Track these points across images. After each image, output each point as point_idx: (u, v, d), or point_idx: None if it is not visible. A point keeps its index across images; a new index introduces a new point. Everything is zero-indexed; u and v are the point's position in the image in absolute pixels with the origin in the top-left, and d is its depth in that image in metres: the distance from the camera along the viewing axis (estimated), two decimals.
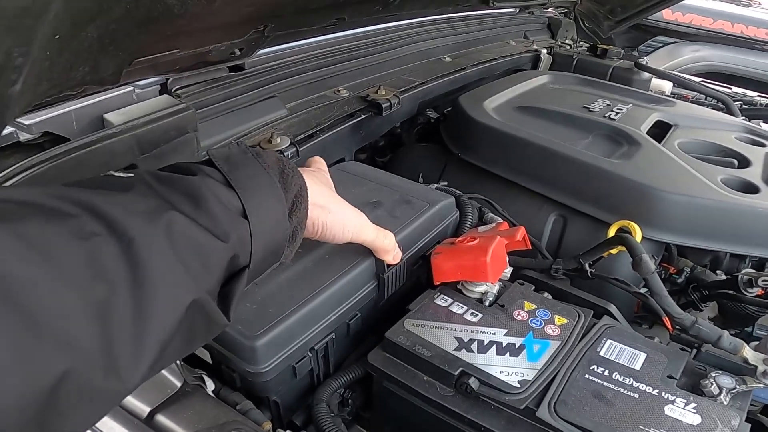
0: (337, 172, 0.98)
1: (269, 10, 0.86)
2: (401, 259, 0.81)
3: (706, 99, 1.74)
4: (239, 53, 1.03)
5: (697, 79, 1.89)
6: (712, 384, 0.71)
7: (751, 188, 1.00)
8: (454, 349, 0.73)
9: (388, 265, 0.80)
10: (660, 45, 3.36)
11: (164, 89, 1.03)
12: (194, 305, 0.44)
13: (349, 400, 0.83)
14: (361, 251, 0.77)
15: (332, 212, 0.65)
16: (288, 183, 0.56)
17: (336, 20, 1.08)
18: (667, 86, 1.77)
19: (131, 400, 0.62)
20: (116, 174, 0.48)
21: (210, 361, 0.74)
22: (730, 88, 1.93)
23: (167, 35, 0.79)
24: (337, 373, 0.80)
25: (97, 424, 0.61)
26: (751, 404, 0.86)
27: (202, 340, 0.50)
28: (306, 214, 0.58)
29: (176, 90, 1.01)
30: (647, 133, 1.16)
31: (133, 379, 0.40)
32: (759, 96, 1.84)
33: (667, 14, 3.26)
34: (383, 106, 1.15)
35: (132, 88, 0.99)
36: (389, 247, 0.77)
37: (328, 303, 0.74)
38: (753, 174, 1.06)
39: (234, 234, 0.48)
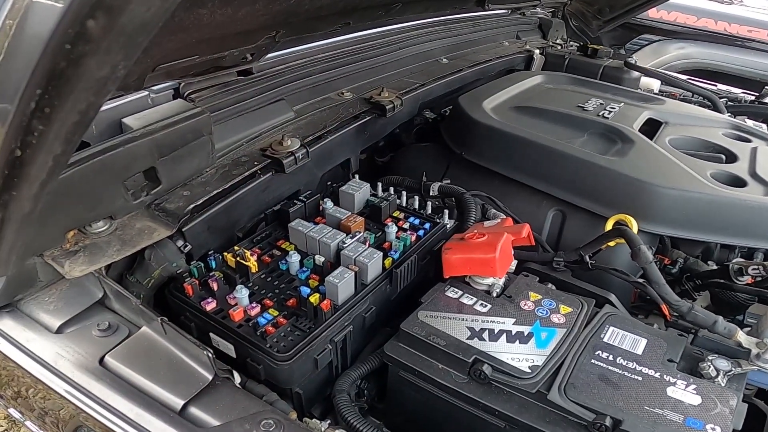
0: None
1: (283, 18, 0.89)
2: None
3: (692, 96, 1.80)
4: (250, 58, 1.06)
5: (684, 77, 1.96)
6: (709, 366, 0.76)
7: (738, 182, 1.06)
8: (467, 338, 0.77)
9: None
10: (646, 43, 3.43)
11: (177, 93, 1.06)
12: None
13: (365, 391, 0.87)
14: None
15: None
16: None
17: (342, 25, 1.11)
18: (655, 84, 1.83)
19: (164, 393, 0.65)
20: None
21: (234, 355, 0.77)
22: (716, 86, 1.99)
23: (191, 43, 0.82)
24: (355, 365, 0.84)
25: (133, 417, 0.64)
26: (746, 387, 0.92)
27: None
28: None
29: (188, 94, 1.04)
30: (639, 130, 1.21)
31: None
32: (743, 93, 1.90)
33: (652, 12, 3.33)
34: (387, 107, 1.19)
35: (147, 93, 1.02)
36: None
37: None
38: (740, 168, 1.11)
39: None
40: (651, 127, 1.28)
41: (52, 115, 0.39)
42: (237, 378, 0.73)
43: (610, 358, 0.76)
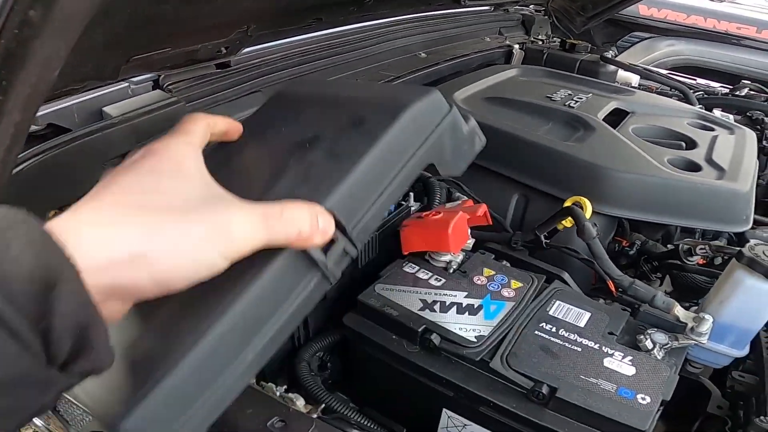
0: (271, 106, 0.70)
1: (251, 14, 0.95)
2: (349, 232, 0.48)
3: (671, 90, 1.84)
4: (225, 51, 1.11)
5: (663, 71, 2.00)
6: (646, 339, 0.80)
7: (693, 167, 1.10)
8: (419, 309, 0.82)
9: (329, 244, 0.46)
10: (637, 40, 3.47)
11: (156, 85, 1.11)
12: None
13: (328, 364, 0.92)
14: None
15: (160, 255, 0.38)
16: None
17: (314, 20, 1.16)
18: (634, 79, 1.87)
19: None
20: None
21: None
22: (695, 80, 2.03)
23: (161, 36, 0.88)
24: (316, 337, 0.89)
25: None
26: (694, 365, 0.96)
27: None
28: (87, 307, 0.33)
29: (167, 86, 1.10)
30: (604, 119, 1.25)
31: None
32: (721, 86, 1.94)
33: (643, 10, 3.38)
34: None
35: (127, 84, 1.09)
36: (302, 233, 0.43)
37: (234, 333, 0.43)
38: (697, 155, 1.15)
39: None
40: (618, 117, 1.32)
41: (8, 87, 0.45)
42: None
43: (553, 329, 0.81)
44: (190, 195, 0.42)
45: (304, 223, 0.43)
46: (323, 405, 0.76)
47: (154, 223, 0.39)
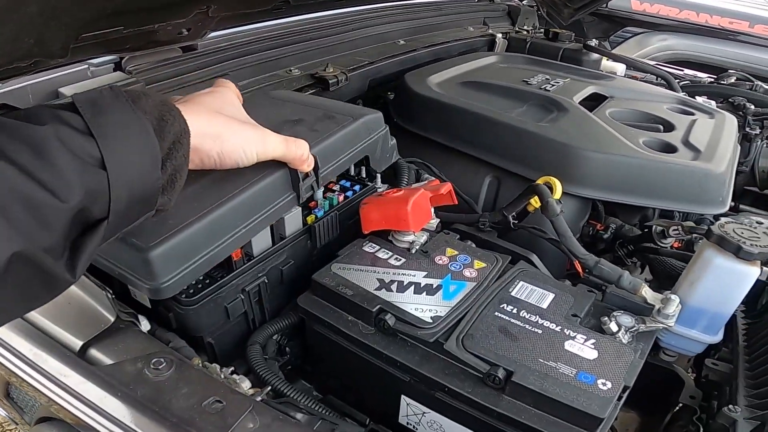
0: (261, 96, 1.01)
1: None
2: (319, 171, 0.81)
3: (657, 79, 1.81)
4: (187, 33, 1.08)
5: (651, 62, 1.97)
6: (611, 321, 0.76)
7: (669, 148, 1.07)
8: (375, 289, 0.79)
9: (305, 176, 0.79)
10: (630, 35, 3.45)
11: (118, 67, 1.09)
12: (20, 259, 0.42)
13: (287, 348, 0.89)
14: (273, 162, 0.75)
15: (227, 139, 0.64)
16: (166, 129, 0.53)
17: (281, 3, 1.13)
18: (619, 68, 1.84)
19: (64, 333, 0.68)
20: None
21: (149, 305, 0.79)
22: (682, 70, 2.00)
23: (108, 13, 0.85)
24: (272, 319, 0.86)
25: (31, 356, 0.67)
26: (667, 353, 0.92)
27: (47, 297, 0.48)
28: (186, 160, 0.56)
29: (129, 68, 1.07)
30: (581, 103, 1.23)
31: None
32: (707, 77, 1.91)
33: (635, 5, 3.35)
34: (330, 82, 1.21)
35: (87, 66, 1.06)
36: (303, 157, 0.75)
37: (236, 213, 0.71)
38: (674, 137, 1.12)
39: (81, 187, 0.45)
40: (595, 102, 1.29)
41: None
42: (146, 325, 0.75)
43: (514, 311, 0.77)
44: (242, 117, 0.70)
45: (305, 151, 0.75)
46: (269, 388, 0.72)
47: (227, 121, 0.65)
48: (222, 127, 0.64)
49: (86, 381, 0.65)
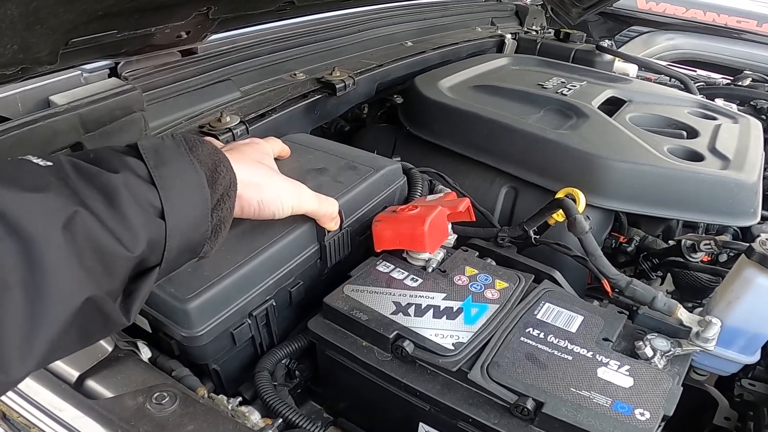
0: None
1: None
2: (343, 226, 0.82)
3: (671, 81, 1.76)
4: (186, 36, 1.03)
5: (663, 63, 1.92)
6: (646, 346, 0.70)
7: (696, 156, 1.02)
8: (391, 313, 0.73)
9: (328, 231, 0.80)
10: (636, 34, 3.40)
11: (113, 73, 1.03)
12: (89, 303, 0.44)
13: (296, 372, 0.83)
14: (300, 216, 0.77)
15: (267, 189, 0.66)
16: (218, 180, 0.55)
17: (285, 3, 1.08)
18: (631, 69, 1.79)
19: (60, 365, 0.62)
20: (34, 161, 0.46)
21: (149, 330, 0.74)
22: (695, 71, 1.95)
23: (98, 15, 0.79)
24: (281, 343, 0.80)
25: (23, 388, 0.61)
26: (698, 373, 0.87)
27: (100, 336, 0.51)
28: (231, 211, 0.58)
29: (125, 73, 1.01)
30: (599, 107, 1.17)
31: (19, 373, 0.41)
32: (722, 78, 1.86)
33: (641, 4, 3.30)
34: (337, 86, 1.16)
35: (80, 72, 1.00)
36: (332, 215, 0.78)
37: (266, 266, 0.73)
38: (700, 144, 1.07)
39: (145, 237, 0.47)
40: (614, 106, 1.24)
41: None
42: (147, 353, 0.70)
43: (541, 335, 0.72)
44: (277, 169, 0.72)
45: (335, 211, 0.78)
46: (280, 420, 0.67)
47: (268, 171, 0.68)
48: (263, 177, 0.66)
49: (83, 416, 0.60)
